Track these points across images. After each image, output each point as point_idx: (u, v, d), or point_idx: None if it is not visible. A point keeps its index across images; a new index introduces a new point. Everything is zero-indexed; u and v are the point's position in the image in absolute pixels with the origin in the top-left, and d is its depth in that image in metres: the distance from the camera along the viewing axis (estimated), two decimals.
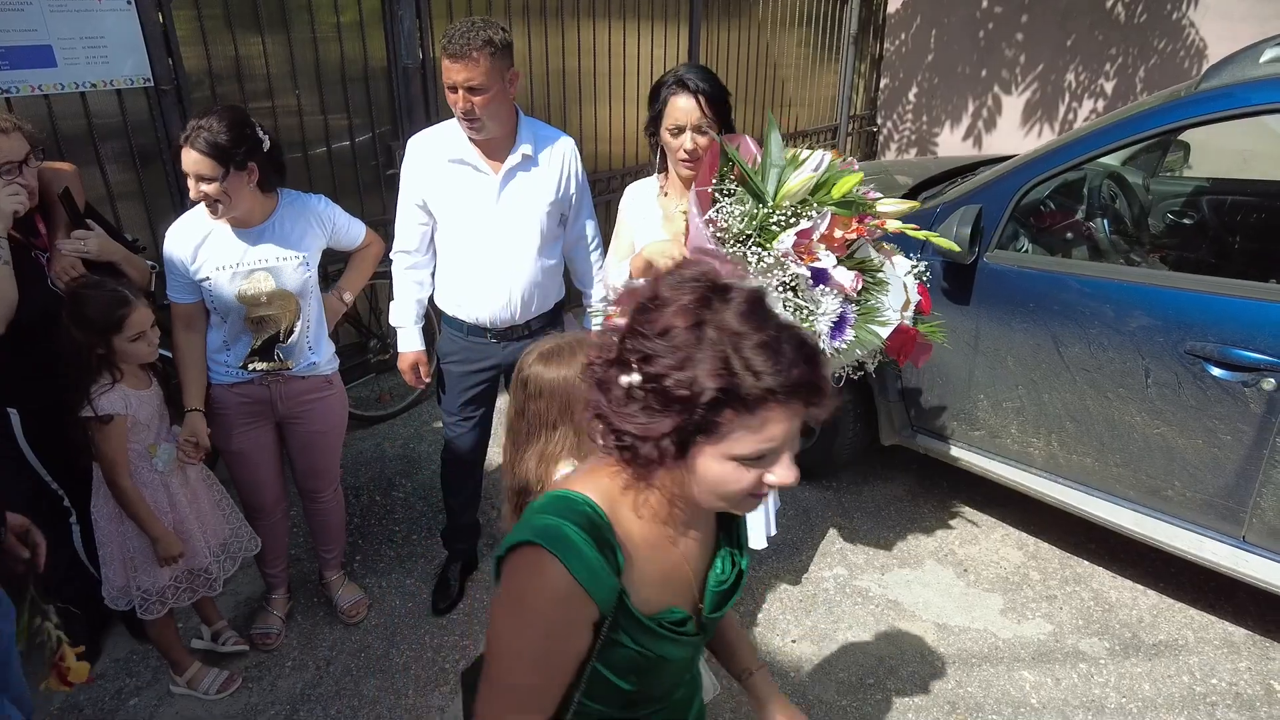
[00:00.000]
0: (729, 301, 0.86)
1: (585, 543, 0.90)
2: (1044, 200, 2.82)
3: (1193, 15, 5.36)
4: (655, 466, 0.88)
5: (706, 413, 0.83)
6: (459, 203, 2.23)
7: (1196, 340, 2.19)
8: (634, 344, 0.87)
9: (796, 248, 1.70)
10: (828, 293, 1.73)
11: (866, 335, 1.81)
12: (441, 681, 2.37)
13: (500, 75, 2.08)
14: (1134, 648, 2.49)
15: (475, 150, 2.21)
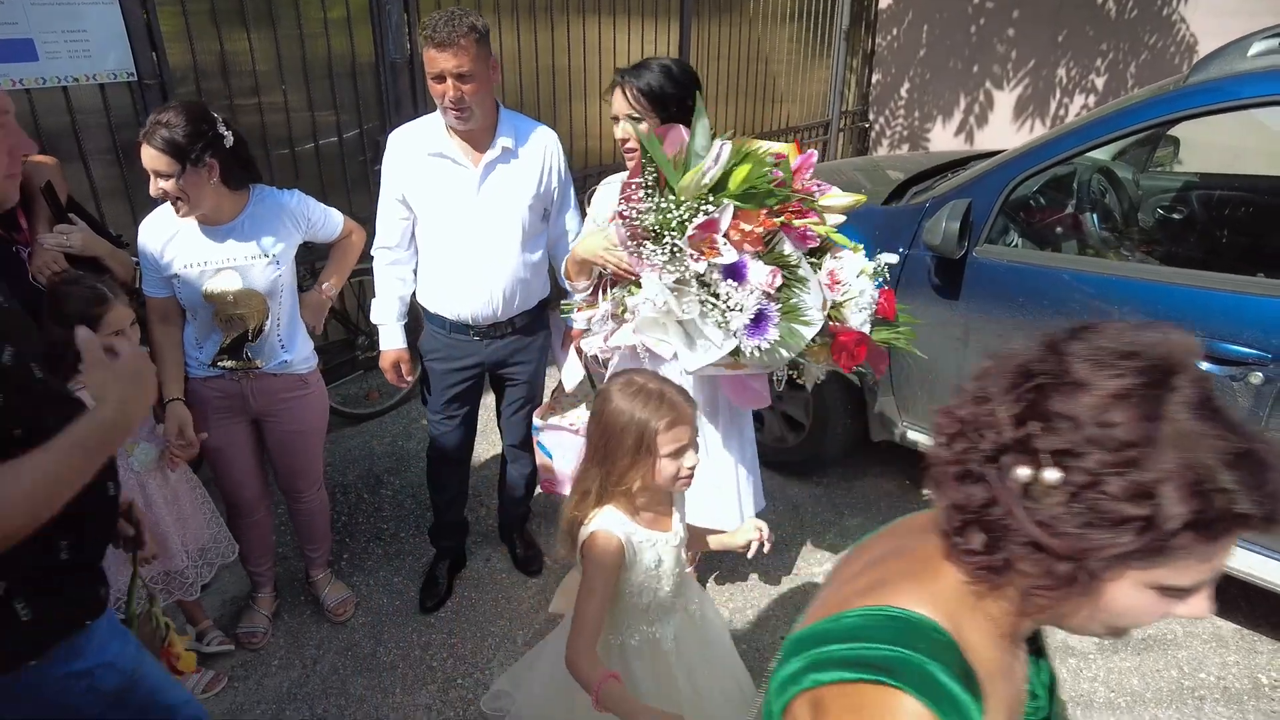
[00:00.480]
0: (1177, 389, 0.69)
1: (960, 690, 0.72)
2: (1034, 195, 2.81)
3: (1183, 10, 5.37)
4: (1063, 588, 0.71)
5: (1165, 537, 0.67)
6: (438, 197, 2.21)
7: None
8: (1047, 429, 0.70)
9: (693, 241, 1.64)
10: (740, 288, 1.67)
11: (790, 335, 1.74)
12: (429, 680, 2.35)
13: (485, 62, 2.06)
14: (1122, 643, 2.49)
15: (455, 143, 2.19)
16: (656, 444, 1.47)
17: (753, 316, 1.68)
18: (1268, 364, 2.06)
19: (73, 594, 1.23)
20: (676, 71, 1.99)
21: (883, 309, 1.97)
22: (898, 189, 3.14)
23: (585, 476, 1.56)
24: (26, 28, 2.66)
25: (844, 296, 1.89)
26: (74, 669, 1.23)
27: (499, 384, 2.54)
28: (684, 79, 1.99)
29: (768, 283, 1.68)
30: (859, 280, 1.91)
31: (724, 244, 1.66)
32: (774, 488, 3.28)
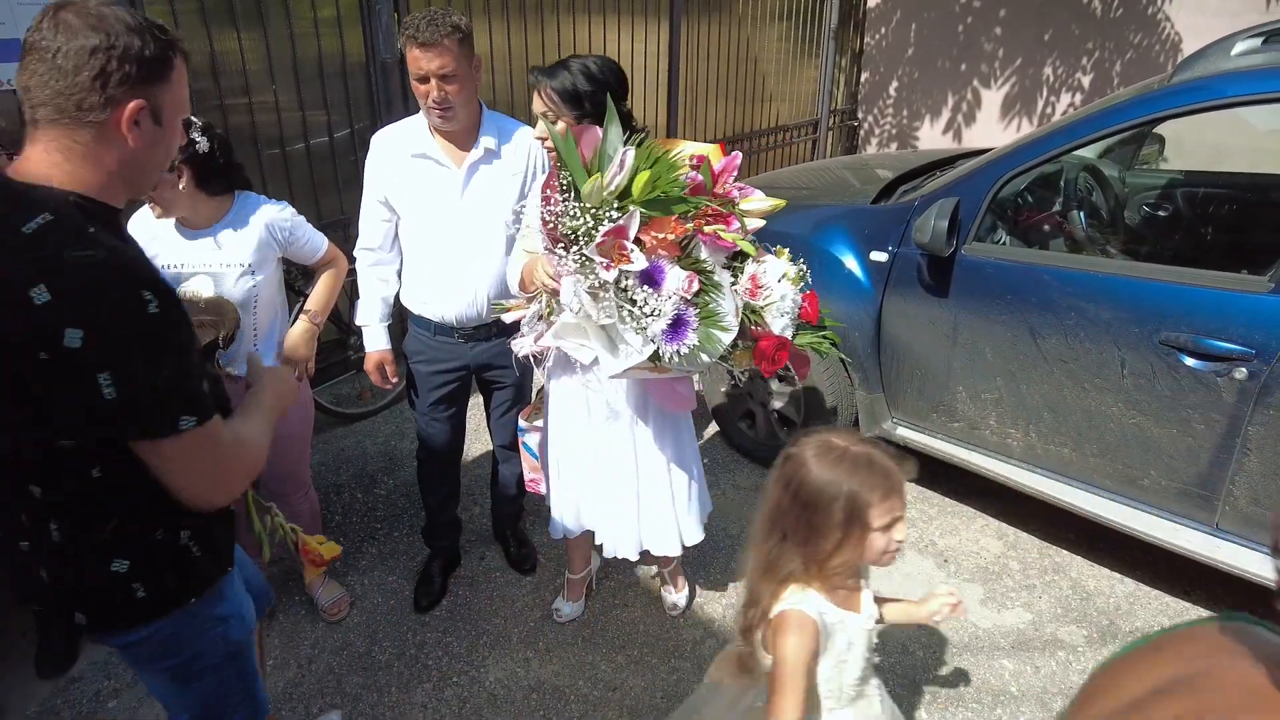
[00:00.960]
0: None
1: None
2: (1021, 193, 2.84)
3: (1168, 9, 5.42)
4: None
5: None
6: (422, 198, 2.20)
7: (1171, 331, 2.22)
8: None
9: (601, 248, 1.61)
10: (657, 294, 1.64)
11: (708, 340, 1.71)
12: (424, 678, 2.36)
13: (468, 62, 2.06)
14: (1111, 635, 2.53)
15: (438, 144, 2.18)
16: (869, 518, 1.30)
17: (670, 322, 1.66)
18: (1251, 359, 2.09)
19: (222, 538, 1.39)
20: (595, 70, 1.94)
21: (806, 313, 1.95)
22: (886, 187, 3.17)
23: (778, 556, 1.39)
24: (14, 28, 2.64)
25: (765, 301, 1.86)
26: (216, 613, 1.38)
27: (485, 386, 2.54)
28: (604, 76, 1.94)
29: (684, 288, 1.65)
30: (781, 285, 1.88)
31: (635, 251, 1.62)
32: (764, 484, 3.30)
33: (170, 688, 1.41)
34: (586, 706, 2.28)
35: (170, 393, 1.10)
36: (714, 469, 3.42)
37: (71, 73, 1.05)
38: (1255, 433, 2.14)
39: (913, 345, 2.80)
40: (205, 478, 1.18)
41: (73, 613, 1.26)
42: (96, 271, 1.04)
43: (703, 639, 2.51)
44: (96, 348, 1.02)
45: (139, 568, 1.25)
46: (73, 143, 1.09)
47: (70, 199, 1.10)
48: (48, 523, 1.20)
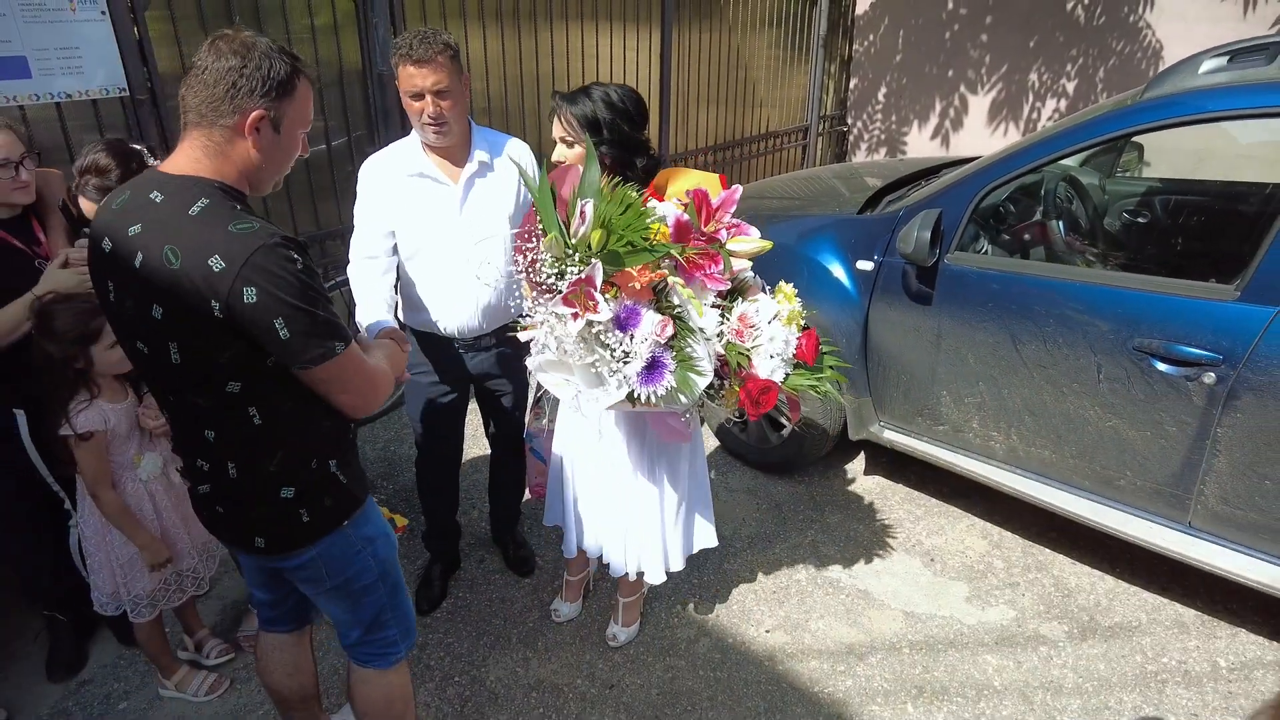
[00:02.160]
0: None
1: None
2: (1002, 203, 2.92)
3: (1149, 17, 5.52)
4: None
5: None
6: (422, 217, 2.24)
7: (1144, 337, 2.31)
8: None
9: (567, 300, 1.62)
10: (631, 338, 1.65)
11: (685, 383, 1.71)
12: (426, 678, 2.43)
13: (459, 78, 2.13)
14: (1091, 630, 2.62)
15: (433, 162, 2.23)
16: None
17: (646, 364, 1.67)
18: (1219, 365, 2.18)
19: (359, 467, 1.65)
20: (616, 98, 2.00)
21: (802, 353, 1.91)
22: (872, 197, 3.25)
23: None
24: (20, 45, 2.70)
25: (752, 343, 1.83)
26: (364, 533, 1.62)
27: (485, 394, 2.59)
28: (624, 105, 2.00)
29: (658, 333, 1.66)
30: (771, 326, 1.85)
31: (603, 300, 1.63)
32: (757, 486, 3.38)
33: (339, 605, 1.67)
34: (585, 704, 2.35)
35: (324, 328, 1.35)
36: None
37: (213, 85, 1.32)
38: (1224, 434, 2.23)
39: (898, 351, 2.88)
40: (360, 389, 1.44)
41: (253, 539, 1.54)
42: (256, 239, 1.28)
43: (697, 638, 2.59)
44: (265, 302, 1.28)
45: (302, 494, 1.51)
46: (209, 141, 1.36)
47: (215, 184, 1.36)
48: (226, 463, 1.47)
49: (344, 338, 1.39)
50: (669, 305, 1.74)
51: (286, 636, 1.90)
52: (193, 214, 1.30)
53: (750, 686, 2.41)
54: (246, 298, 1.27)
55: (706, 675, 2.45)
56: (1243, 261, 2.23)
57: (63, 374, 1.95)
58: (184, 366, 1.37)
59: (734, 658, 2.52)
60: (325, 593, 1.63)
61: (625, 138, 2.00)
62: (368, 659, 1.75)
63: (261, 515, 1.51)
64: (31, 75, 2.75)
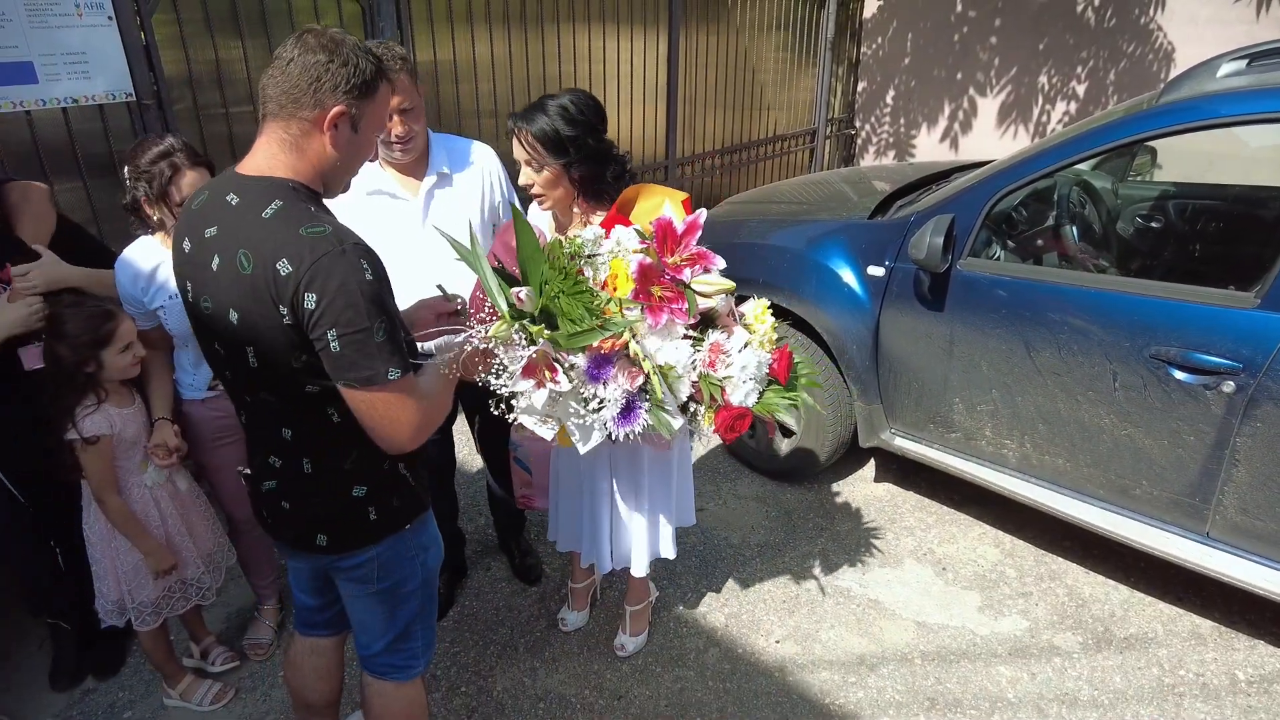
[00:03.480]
0: None
1: None
2: (1014, 208, 2.89)
3: (1160, 19, 5.48)
4: None
5: None
6: (383, 234, 2.15)
7: (1161, 345, 2.27)
8: None
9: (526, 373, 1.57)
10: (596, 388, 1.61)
11: (660, 424, 1.69)
12: (433, 688, 2.40)
13: (419, 90, 2.08)
14: (1106, 641, 2.58)
15: (390, 176, 2.18)
16: None
17: (621, 408, 1.64)
18: (1238, 373, 2.14)
19: (424, 473, 1.64)
20: (574, 110, 1.89)
21: (774, 370, 1.87)
22: (883, 202, 3.22)
23: None
24: (26, 51, 2.69)
25: (725, 373, 1.78)
26: (420, 540, 1.62)
27: (468, 408, 2.55)
28: (583, 116, 1.90)
29: (628, 384, 1.63)
30: (743, 355, 1.79)
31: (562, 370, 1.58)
32: (766, 494, 3.35)
33: (378, 610, 1.63)
34: (592, 715, 2.32)
35: (382, 350, 1.28)
36: (715, 479, 3.46)
37: (296, 77, 1.31)
38: (1243, 444, 2.19)
39: (910, 358, 2.85)
40: (405, 424, 1.35)
41: (315, 535, 1.51)
42: (325, 244, 1.25)
43: (706, 648, 2.56)
44: (325, 310, 1.24)
45: (373, 493, 1.50)
46: (285, 134, 1.34)
47: (290, 185, 1.34)
48: (300, 459, 1.46)
49: (401, 365, 1.32)
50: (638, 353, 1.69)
51: (327, 641, 1.88)
52: (266, 216, 1.29)
53: (760, 698, 2.38)
54: (306, 303, 1.24)
55: (716, 686, 2.42)
56: (1262, 268, 2.20)
57: (72, 378, 1.94)
58: (261, 369, 1.36)
59: (743, 668, 2.49)
60: (369, 595, 1.61)
61: (592, 152, 1.91)
62: (387, 670, 1.72)
63: (330, 512, 1.50)
64: (38, 80, 2.73)
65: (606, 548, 2.28)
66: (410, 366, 1.35)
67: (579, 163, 1.92)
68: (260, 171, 1.35)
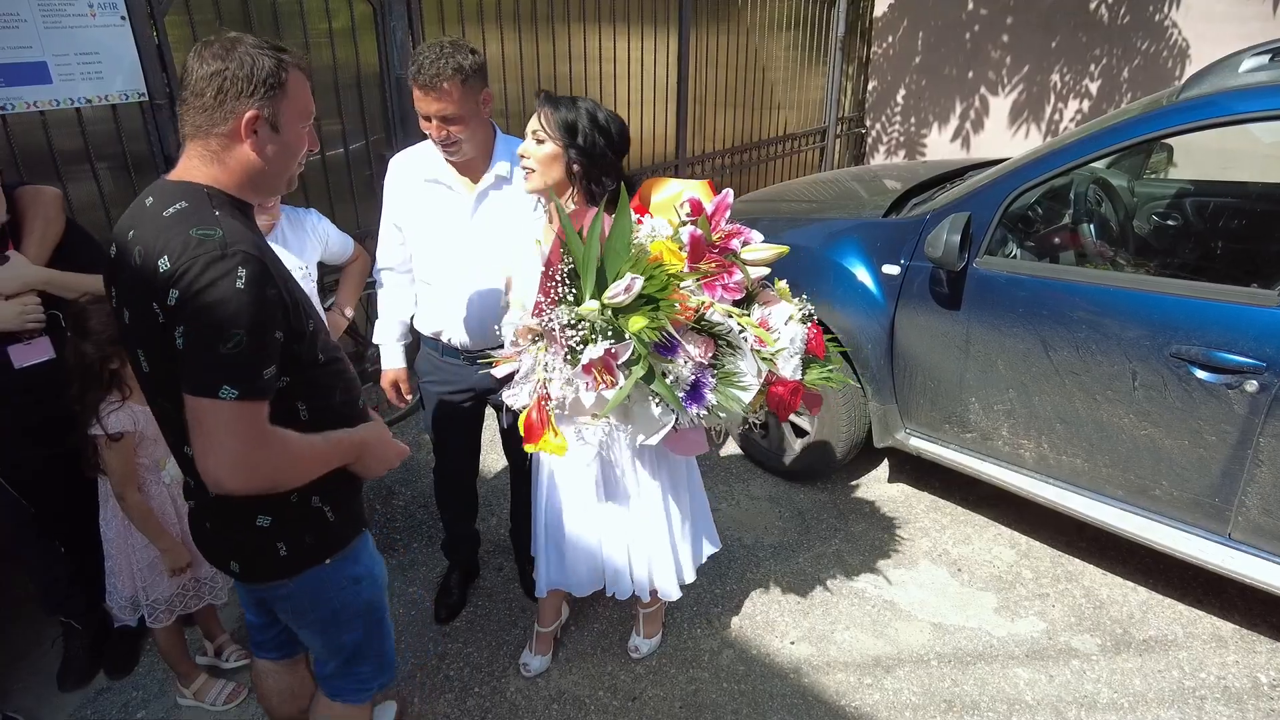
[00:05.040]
0: None
1: None
2: (1031, 206, 2.86)
3: (1175, 16, 5.43)
4: None
5: None
6: (433, 223, 2.23)
7: (1182, 344, 2.24)
8: None
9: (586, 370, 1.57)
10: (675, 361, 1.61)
11: (728, 400, 1.69)
12: (446, 689, 2.39)
13: (474, 100, 2.06)
14: (1125, 644, 2.55)
15: (451, 170, 2.20)
16: None
17: (689, 388, 1.63)
18: (1263, 372, 2.12)
19: (354, 505, 1.56)
20: (602, 118, 1.91)
21: (812, 346, 1.88)
22: (898, 200, 3.20)
23: None
24: (40, 51, 2.70)
25: (776, 348, 1.80)
26: (350, 571, 1.54)
27: (496, 408, 2.55)
28: (607, 125, 1.91)
29: (700, 355, 1.63)
30: (789, 327, 1.82)
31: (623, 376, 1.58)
32: (779, 494, 3.33)
33: (317, 638, 1.60)
34: (606, 717, 2.31)
35: (225, 361, 1.20)
36: (728, 479, 3.45)
37: (201, 93, 1.28)
38: (1267, 445, 2.16)
39: (925, 357, 2.83)
40: (226, 452, 1.22)
41: (229, 561, 1.48)
42: (206, 245, 1.21)
43: (720, 649, 2.54)
44: (182, 306, 1.19)
45: (280, 526, 1.42)
46: (205, 150, 1.31)
47: (204, 190, 1.31)
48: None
49: (244, 387, 1.20)
50: (707, 324, 1.69)
51: (276, 664, 1.80)
52: (166, 215, 1.25)
53: (775, 699, 2.36)
54: (169, 299, 1.19)
55: (730, 688, 2.40)
56: None
57: (97, 375, 1.95)
58: (153, 374, 1.32)
59: (758, 670, 2.47)
60: (306, 624, 1.57)
61: (599, 152, 1.90)
62: (339, 692, 1.68)
63: (238, 540, 1.44)
64: (52, 81, 2.74)
65: (628, 574, 2.21)
66: (256, 394, 1.23)
67: (581, 151, 1.88)
68: (181, 177, 1.32)
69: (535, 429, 1.75)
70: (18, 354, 2.03)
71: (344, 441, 1.44)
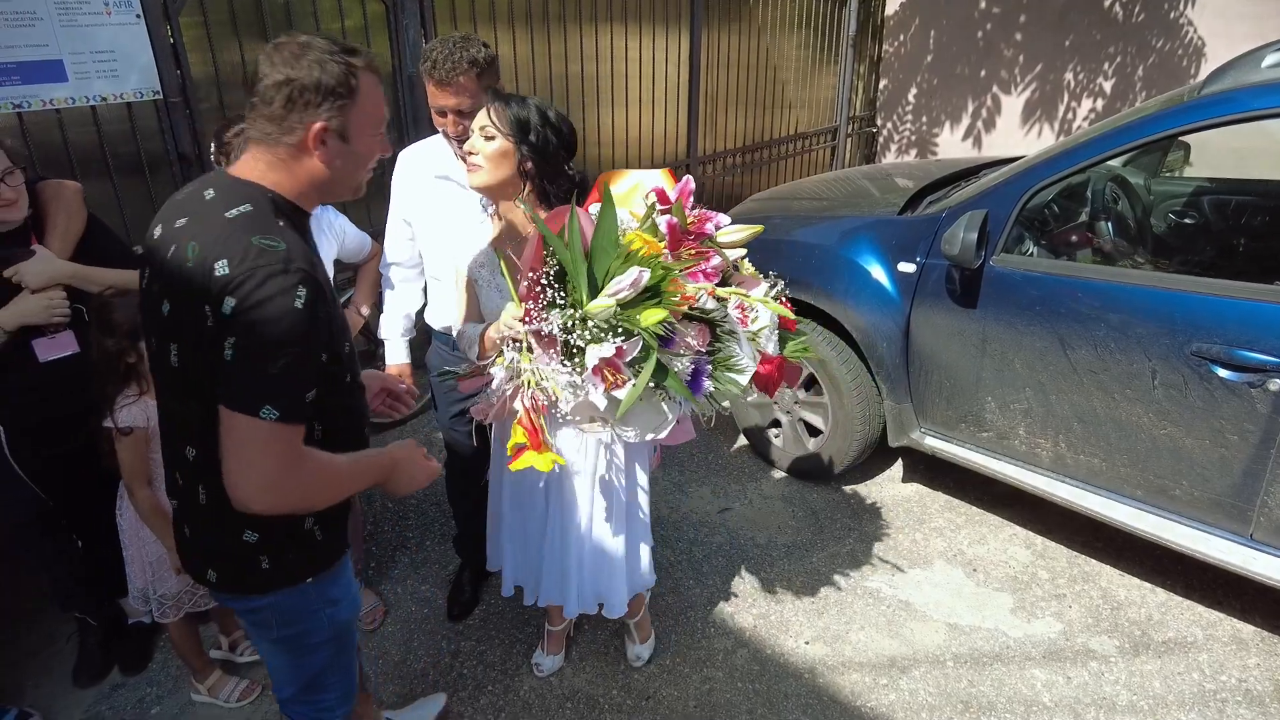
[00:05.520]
0: None
1: None
2: (1049, 203, 2.84)
3: (1190, 14, 5.39)
4: None
5: None
6: (442, 219, 2.22)
7: (1202, 342, 2.22)
8: None
9: (596, 371, 1.52)
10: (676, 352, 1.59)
11: (726, 384, 1.69)
12: (459, 687, 2.39)
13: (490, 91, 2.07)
14: (1144, 645, 2.52)
15: (461, 167, 2.16)
16: None
17: (689, 377, 1.61)
18: None
19: (340, 528, 1.51)
20: (553, 116, 1.84)
21: (785, 320, 1.88)
22: (912, 198, 3.18)
23: None
24: (56, 49, 2.71)
25: (757, 326, 1.79)
26: (328, 594, 1.50)
27: None
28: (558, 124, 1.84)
29: (697, 342, 1.61)
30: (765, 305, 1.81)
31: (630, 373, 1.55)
32: (791, 493, 3.31)
33: (280, 658, 1.55)
34: (620, 716, 2.30)
35: (271, 381, 1.19)
36: (740, 478, 3.43)
37: (269, 103, 1.26)
38: None
39: (941, 356, 2.80)
40: (257, 471, 1.21)
41: (206, 570, 1.44)
42: (269, 257, 1.20)
43: (734, 648, 2.53)
44: (237, 317, 1.18)
45: (267, 541, 1.38)
46: (274, 156, 1.30)
47: (269, 195, 1.30)
48: (198, 484, 1.36)
49: (283, 409, 1.20)
50: (702, 311, 1.68)
51: None
52: (229, 216, 1.24)
53: (790, 699, 2.35)
54: (224, 307, 1.18)
55: (745, 687, 2.39)
56: None
57: (114, 368, 1.96)
58: (181, 370, 1.28)
59: (772, 670, 2.46)
60: (270, 641, 1.53)
61: (551, 150, 1.82)
62: (298, 718, 1.64)
63: (220, 549, 1.40)
64: (68, 79, 2.75)
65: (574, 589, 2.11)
66: (295, 416, 1.22)
67: (534, 149, 1.80)
68: (245, 176, 1.31)
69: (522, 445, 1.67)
70: (42, 348, 2.05)
71: (375, 462, 1.44)
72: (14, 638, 2.57)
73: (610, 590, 2.13)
